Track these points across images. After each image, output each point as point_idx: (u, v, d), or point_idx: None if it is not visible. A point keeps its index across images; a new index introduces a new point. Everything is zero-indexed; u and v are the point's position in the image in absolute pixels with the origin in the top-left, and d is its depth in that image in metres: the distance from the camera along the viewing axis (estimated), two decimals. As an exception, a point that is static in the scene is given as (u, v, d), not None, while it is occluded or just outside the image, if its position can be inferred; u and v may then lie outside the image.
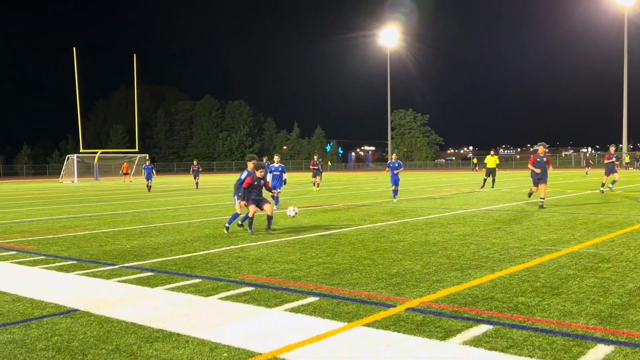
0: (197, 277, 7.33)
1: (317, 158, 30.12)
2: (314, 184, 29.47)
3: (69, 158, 59.30)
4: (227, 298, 6.18)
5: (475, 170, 66.60)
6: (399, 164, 20.33)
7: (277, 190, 17.06)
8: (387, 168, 21.09)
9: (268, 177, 16.55)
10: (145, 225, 13.56)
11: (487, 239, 10.12)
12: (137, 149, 63.83)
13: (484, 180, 27.31)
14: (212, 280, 7.08)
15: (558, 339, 4.61)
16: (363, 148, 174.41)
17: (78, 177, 56.34)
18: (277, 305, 5.81)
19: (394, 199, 19.96)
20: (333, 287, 6.61)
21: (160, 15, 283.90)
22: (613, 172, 21.76)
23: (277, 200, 17.20)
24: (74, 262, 8.69)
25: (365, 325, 5.08)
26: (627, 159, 62.76)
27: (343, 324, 5.12)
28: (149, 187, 31.71)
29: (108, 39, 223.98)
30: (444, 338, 4.69)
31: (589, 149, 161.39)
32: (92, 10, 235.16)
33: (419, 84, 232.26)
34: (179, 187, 38.02)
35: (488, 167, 27.18)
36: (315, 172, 29.61)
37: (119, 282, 7.17)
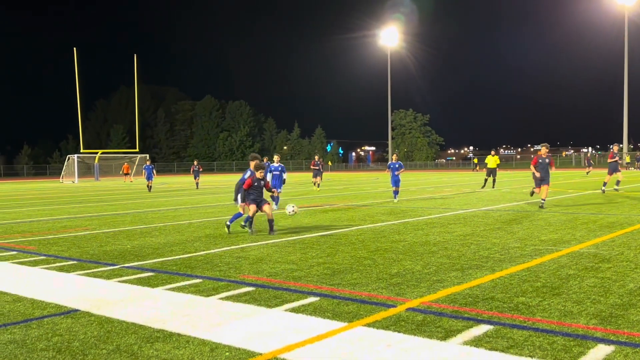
0: (197, 277, 7.33)
1: (318, 158, 30.14)
2: (315, 184, 29.48)
3: (70, 158, 59.32)
4: (227, 298, 6.18)
5: (476, 170, 66.62)
6: (400, 165, 20.31)
7: (277, 190, 17.08)
8: (387, 169, 21.08)
9: (268, 177, 16.56)
10: (146, 226, 13.57)
11: (487, 239, 10.12)
12: (137, 149, 63.86)
13: (485, 181, 27.32)
14: (212, 281, 7.08)
15: (558, 339, 4.61)
16: (363, 148, 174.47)
17: (78, 177, 56.35)
18: (277, 306, 5.81)
19: (395, 199, 19.96)
20: (333, 287, 6.61)
21: (161, 15, 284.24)
22: (616, 171, 21.66)
23: (277, 200, 17.21)
24: (75, 262, 8.70)
25: (366, 326, 5.08)
26: (627, 159, 62.74)
27: (343, 324, 5.12)
28: (150, 187, 31.74)
29: (108, 39, 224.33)
30: (445, 338, 4.69)
31: (590, 149, 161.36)
32: (92, 10, 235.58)
33: (419, 84, 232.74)
34: (180, 187, 38.03)
35: (489, 167, 27.24)
36: (316, 172, 29.62)
37: (120, 282, 7.17)
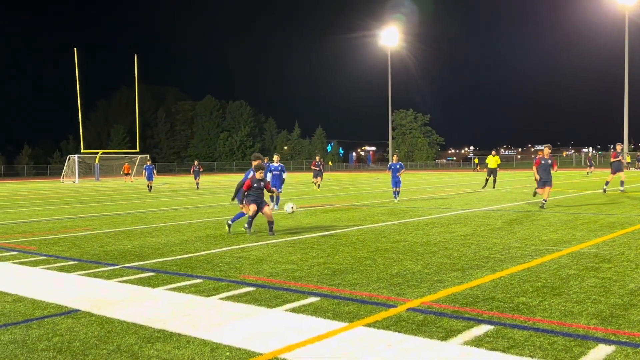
0: (198, 277, 7.33)
1: (319, 159, 30.23)
2: (315, 185, 29.50)
3: (70, 158, 59.34)
4: (228, 298, 6.18)
5: (477, 170, 66.62)
6: (401, 166, 20.30)
7: (278, 190, 17.08)
8: (388, 169, 21.06)
9: (268, 176, 16.54)
10: (146, 226, 13.57)
11: (488, 239, 10.12)
12: (138, 149, 63.87)
13: (486, 180, 27.34)
14: (213, 281, 7.08)
15: (559, 339, 4.61)
16: (364, 148, 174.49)
17: (79, 177, 56.37)
18: (278, 306, 5.81)
19: (395, 199, 19.95)
20: (334, 287, 6.61)
21: (161, 16, 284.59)
22: (619, 170, 21.57)
23: (277, 200, 17.20)
24: (75, 262, 8.70)
25: (366, 326, 5.08)
26: (628, 159, 62.69)
27: (344, 324, 5.12)
28: (150, 187, 31.74)
29: (108, 39, 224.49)
30: (445, 338, 4.69)
31: (590, 149, 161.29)
32: (92, 10, 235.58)
33: (420, 84, 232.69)
34: (180, 187, 38.04)
35: (489, 167, 27.30)
36: (317, 172, 29.66)
37: (120, 282, 7.17)
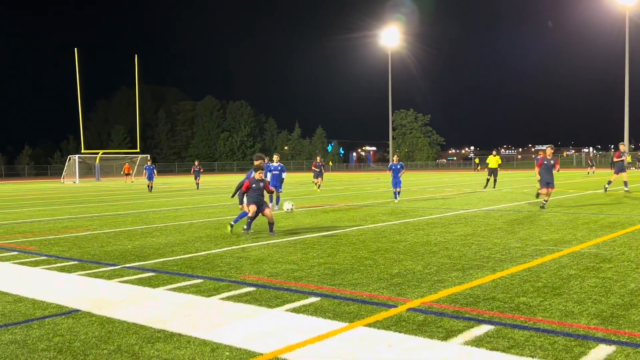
0: (198, 277, 7.33)
1: (320, 159, 30.29)
2: (316, 185, 29.53)
3: (71, 158, 59.36)
4: (228, 298, 6.18)
5: (477, 171, 66.63)
6: (401, 166, 20.29)
7: (278, 191, 17.08)
8: (388, 170, 21.03)
9: (267, 176, 16.52)
10: (147, 226, 13.57)
11: (488, 239, 10.12)
12: (138, 150, 63.88)
13: (487, 180, 27.37)
14: (213, 281, 7.08)
15: (560, 339, 4.60)
16: (364, 148, 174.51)
17: (79, 177, 56.37)
18: (278, 306, 5.81)
19: (396, 200, 19.94)
20: (334, 287, 6.61)
21: (161, 16, 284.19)
22: (622, 170, 21.52)
23: (277, 200, 17.20)
24: (76, 262, 8.70)
25: (367, 326, 5.08)
26: (628, 159, 62.68)
27: (344, 324, 5.12)
28: (150, 187, 31.75)
29: (108, 39, 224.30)
30: (446, 338, 4.69)
31: (591, 149, 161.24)
32: (92, 10, 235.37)
33: (420, 84, 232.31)
34: (181, 187, 38.05)
35: (490, 167, 27.37)
36: (317, 173, 29.70)
37: (121, 282, 7.18)
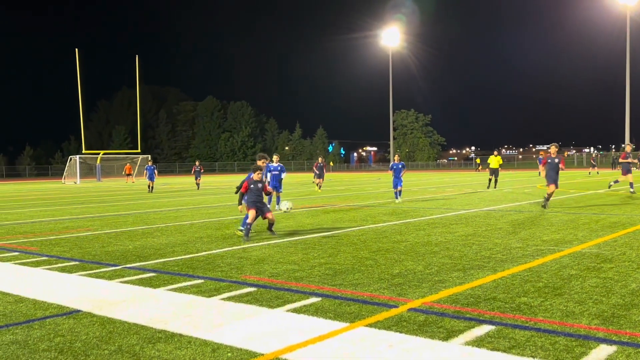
0: (199, 277, 7.34)
1: (321, 160, 30.34)
2: (317, 185, 29.55)
3: (72, 159, 59.41)
4: (229, 299, 6.18)
5: (479, 171, 66.61)
6: (403, 165, 20.28)
7: (278, 191, 17.08)
8: (390, 170, 21.00)
9: (267, 176, 16.50)
10: (148, 226, 13.58)
11: (489, 239, 10.11)
12: (139, 150, 63.94)
13: (489, 181, 27.37)
14: (214, 281, 7.08)
15: (560, 339, 4.60)
16: (365, 148, 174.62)
17: (80, 178, 56.40)
18: (279, 306, 5.81)
19: (397, 200, 19.93)
20: (335, 287, 6.61)
21: (161, 16, 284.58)
22: (629, 172, 21.41)
23: (278, 200, 17.18)
24: (77, 263, 8.70)
25: (368, 326, 5.07)
26: (636, 163, 62.48)
27: (345, 325, 5.12)
28: (151, 187, 31.75)
29: (109, 40, 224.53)
30: (446, 338, 4.69)
31: (592, 149, 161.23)
32: (93, 11, 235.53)
33: (421, 85, 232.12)
34: (181, 187, 38.07)
35: (491, 167, 27.38)
36: (318, 173, 29.74)
37: (122, 282, 7.18)
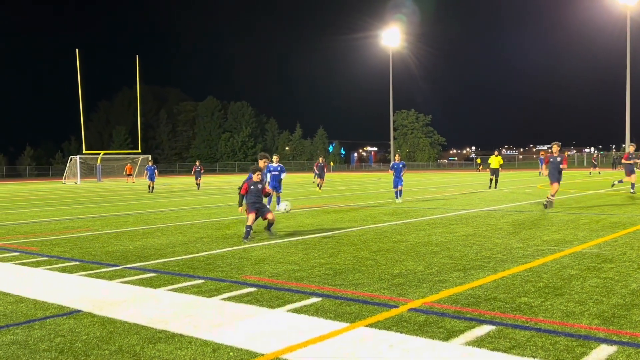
0: (199, 277, 7.34)
1: (322, 160, 30.41)
2: (317, 185, 29.57)
3: (72, 159, 59.44)
4: (229, 299, 6.18)
5: (479, 171, 66.62)
6: (403, 165, 20.28)
7: (278, 191, 17.07)
8: (390, 169, 21.00)
9: (267, 177, 16.49)
10: (148, 226, 13.58)
11: (489, 240, 10.11)
12: (139, 150, 63.94)
13: (490, 181, 27.38)
14: (214, 281, 7.08)
15: (561, 340, 4.60)
16: (365, 149, 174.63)
17: (81, 178, 56.43)
18: (279, 306, 5.81)
19: (397, 200, 19.93)
20: (335, 287, 6.61)
21: (162, 16, 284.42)
22: (632, 172, 21.40)
23: (278, 200, 17.18)
24: (77, 263, 8.71)
25: (368, 326, 5.07)
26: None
27: (346, 325, 5.12)
28: (151, 188, 31.75)
29: (109, 40, 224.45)
30: (447, 338, 4.69)
31: (592, 149, 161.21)
32: (93, 11, 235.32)
33: (421, 85, 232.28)
34: (182, 188, 38.08)
35: (492, 167, 27.39)
36: (319, 173, 29.79)
37: (122, 283, 7.18)
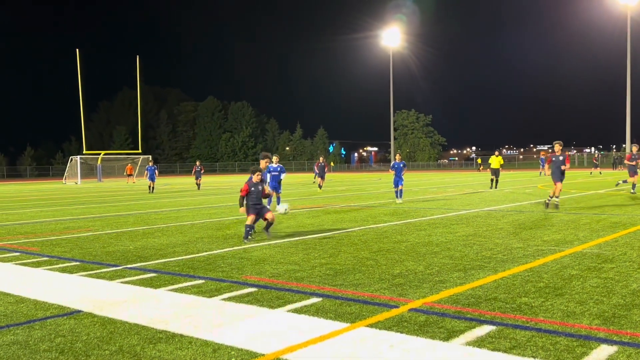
0: (200, 278, 7.34)
1: (322, 160, 30.44)
2: (318, 185, 29.59)
3: (72, 159, 59.46)
4: (230, 299, 6.19)
5: (479, 171, 66.64)
6: (403, 164, 20.28)
7: (278, 192, 17.06)
8: (391, 169, 20.98)
9: (267, 177, 16.47)
10: (149, 227, 13.58)
11: (490, 240, 10.11)
12: (140, 151, 63.93)
13: (491, 181, 27.38)
14: (215, 281, 7.08)
15: (561, 340, 4.60)
16: (366, 149, 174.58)
17: (81, 178, 56.44)
18: (280, 306, 5.81)
19: (397, 200, 19.93)
20: (336, 287, 6.61)
21: (162, 16, 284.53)
22: (635, 173, 21.35)
23: (278, 200, 17.17)
24: (77, 263, 8.71)
25: (368, 326, 5.07)
26: None
27: (346, 325, 5.12)
28: (152, 188, 31.76)
29: (110, 40, 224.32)
30: (447, 339, 4.69)
31: (593, 149, 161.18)
32: (93, 11, 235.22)
33: (422, 85, 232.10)
34: (182, 188, 38.09)
35: (492, 167, 27.40)
36: (319, 173, 29.83)
37: (122, 283, 7.18)
